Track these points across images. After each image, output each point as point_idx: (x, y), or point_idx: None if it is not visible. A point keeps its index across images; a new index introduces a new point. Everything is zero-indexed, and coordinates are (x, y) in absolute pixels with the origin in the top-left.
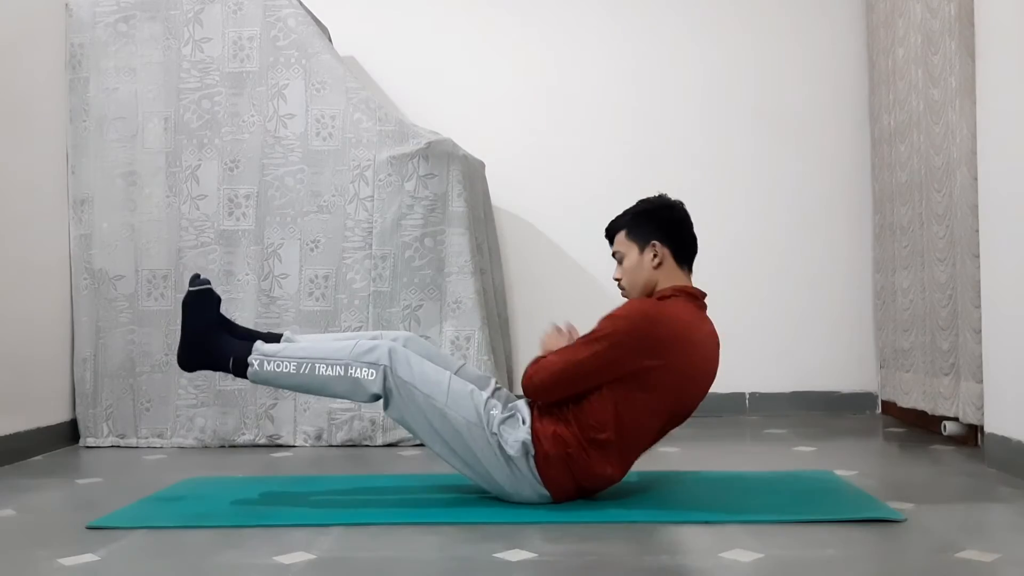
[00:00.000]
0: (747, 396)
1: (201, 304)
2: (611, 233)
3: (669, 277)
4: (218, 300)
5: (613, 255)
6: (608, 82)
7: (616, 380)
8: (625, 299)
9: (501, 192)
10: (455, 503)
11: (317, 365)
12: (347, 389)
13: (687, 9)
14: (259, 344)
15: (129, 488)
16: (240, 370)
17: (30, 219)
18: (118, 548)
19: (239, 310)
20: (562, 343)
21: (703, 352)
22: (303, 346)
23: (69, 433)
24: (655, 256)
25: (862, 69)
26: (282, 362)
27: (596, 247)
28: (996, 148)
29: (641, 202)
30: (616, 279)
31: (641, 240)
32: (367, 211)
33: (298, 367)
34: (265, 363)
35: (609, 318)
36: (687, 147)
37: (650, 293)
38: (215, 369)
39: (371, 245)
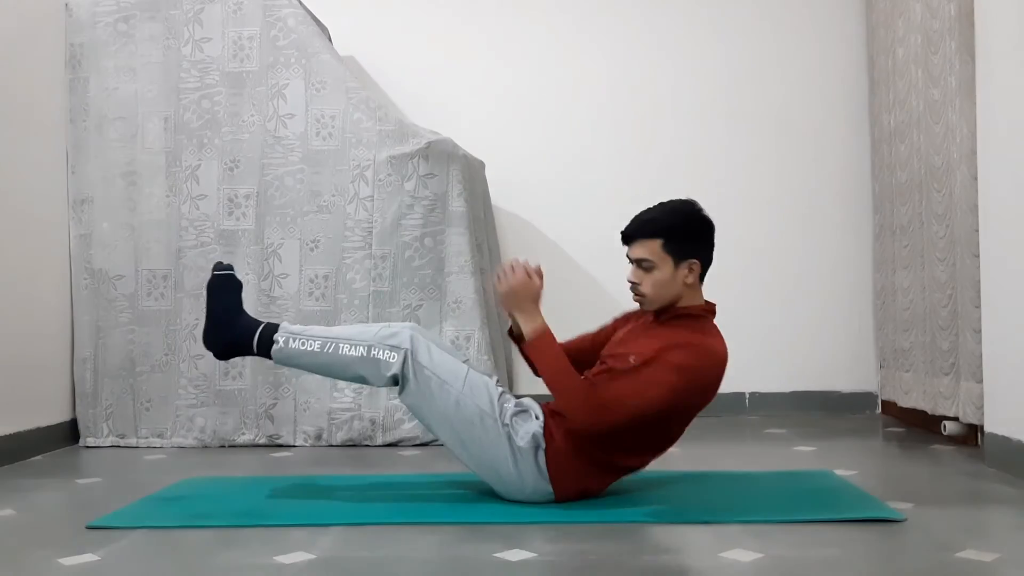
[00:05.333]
0: (747, 396)
1: (225, 287)
2: (638, 237)
3: (693, 294)
4: (239, 285)
5: (636, 261)
6: (608, 82)
7: None
8: (638, 304)
9: (501, 192)
10: (455, 503)
11: (341, 345)
12: (367, 371)
13: (687, 10)
14: (286, 324)
15: (129, 488)
16: (264, 347)
17: (30, 219)
18: (118, 548)
19: None
20: (531, 289)
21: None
22: (327, 328)
23: (69, 433)
24: (690, 273)
25: (862, 69)
26: (307, 340)
27: (596, 247)
28: (996, 148)
29: (679, 212)
30: (634, 283)
31: (679, 256)
32: (367, 211)
33: (323, 346)
34: (291, 340)
35: (676, 369)
36: (686, 147)
37: (670, 305)
38: (238, 347)
39: (371, 245)
